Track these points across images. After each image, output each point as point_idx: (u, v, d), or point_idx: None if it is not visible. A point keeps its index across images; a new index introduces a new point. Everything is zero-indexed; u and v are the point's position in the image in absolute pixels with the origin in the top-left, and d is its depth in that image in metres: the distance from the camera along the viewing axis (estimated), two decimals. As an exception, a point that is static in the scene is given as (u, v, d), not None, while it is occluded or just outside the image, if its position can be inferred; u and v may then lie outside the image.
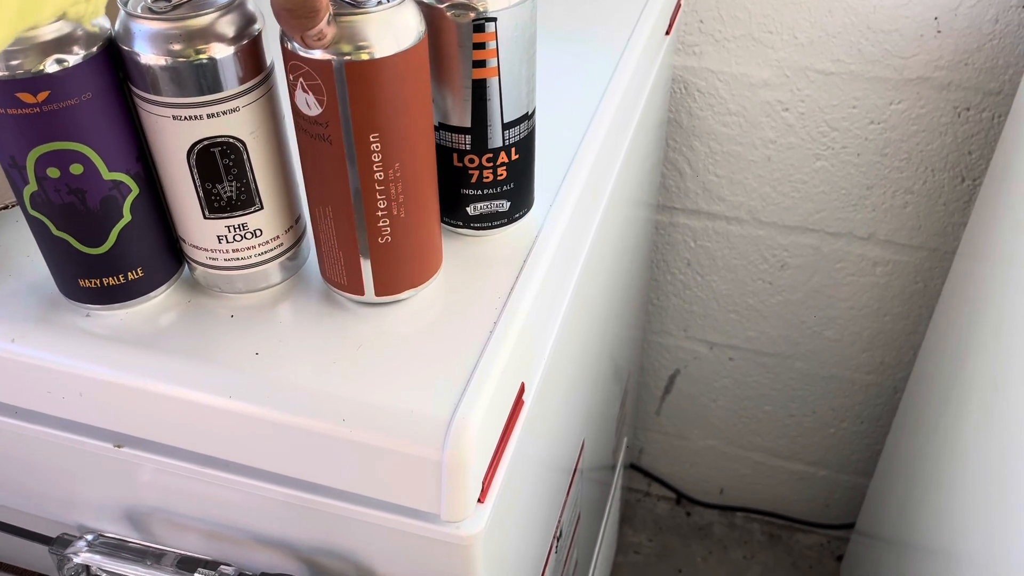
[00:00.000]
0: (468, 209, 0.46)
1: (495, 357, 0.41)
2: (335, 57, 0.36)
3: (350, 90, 0.37)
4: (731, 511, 1.33)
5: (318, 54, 0.36)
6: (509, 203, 0.47)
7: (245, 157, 0.40)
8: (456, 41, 0.40)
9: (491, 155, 0.44)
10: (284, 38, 0.37)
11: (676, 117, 0.94)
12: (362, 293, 0.43)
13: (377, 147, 0.39)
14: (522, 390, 0.45)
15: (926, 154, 0.90)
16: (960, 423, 0.77)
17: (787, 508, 1.30)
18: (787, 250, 1.02)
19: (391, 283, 0.43)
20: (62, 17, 0.35)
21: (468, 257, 0.47)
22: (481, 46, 0.40)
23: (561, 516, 0.65)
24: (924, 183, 0.92)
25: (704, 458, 1.29)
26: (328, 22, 0.35)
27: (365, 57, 0.36)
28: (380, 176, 0.39)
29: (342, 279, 0.43)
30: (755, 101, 0.90)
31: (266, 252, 0.44)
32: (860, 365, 1.10)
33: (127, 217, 0.41)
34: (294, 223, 0.45)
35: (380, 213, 0.41)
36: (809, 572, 1.27)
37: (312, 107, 0.38)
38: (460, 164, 0.44)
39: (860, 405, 1.14)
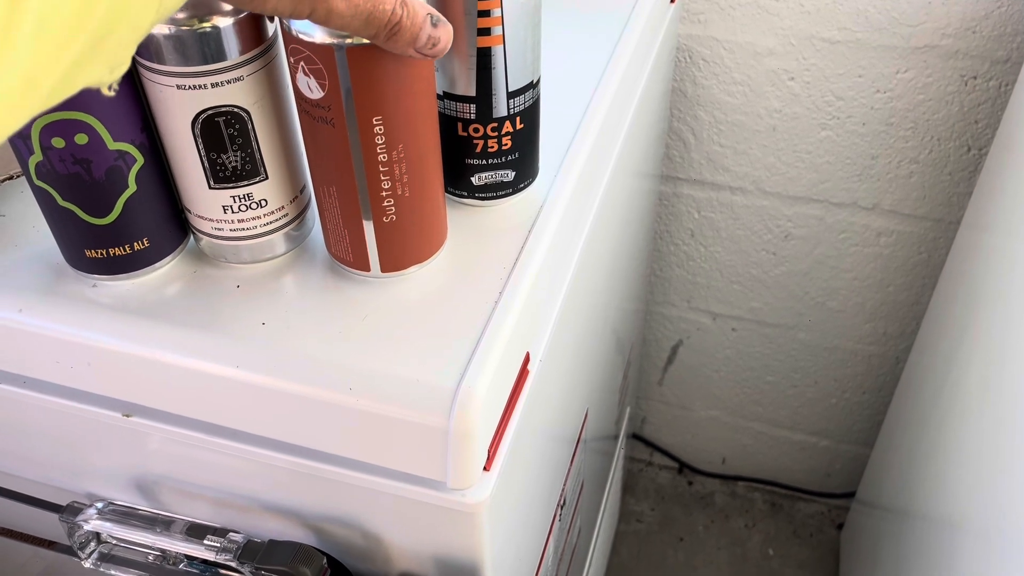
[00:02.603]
0: (472, 179, 0.46)
1: (500, 327, 0.42)
2: (336, 41, 0.35)
3: (352, 74, 0.36)
4: (733, 480, 1.34)
5: (319, 38, 0.35)
6: (514, 173, 0.46)
7: (250, 127, 0.40)
8: (461, 9, 0.40)
9: (496, 124, 0.44)
10: (282, 19, 0.36)
11: (680, 86, 0.94)
12: (368, 270, 0.43)
13: (380, 129, 0.38)
14: (527, 360, 0.45)
15: (932, 123, 0.89)
16: (961, 393, 0.77)
17: (788, 477, 1.31)
18: (791, 220, 1.01)
19: (397, 260, 0.43)
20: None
21: (473, 227, 0.47)
22: (486, 14, 0.40)
23: (565, 485, 0.66)
24: (930, 153, 0.91)
25: (706, 428, 1.30)
26: (435, 24, 0.34)
27: (367, 41, 0.36)
28: (384, 157, 0.39)
29: (348, 256, 0.43)
30: (760, 70, 0.90)
31: (271, 222, 0.44)
32: (863, 336, 1.10)
33: (132, 187, 0.41)
34: (299, 193, 0.45)
35: (384, 193, 0.40)
36: (810, 540, 1.28)
37: (314, 90, 0.37)
38: (465, 133, 0.44)
39: (862, 376, 1.15)
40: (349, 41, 0.35)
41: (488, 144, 0.45)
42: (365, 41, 0.35)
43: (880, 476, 1.07)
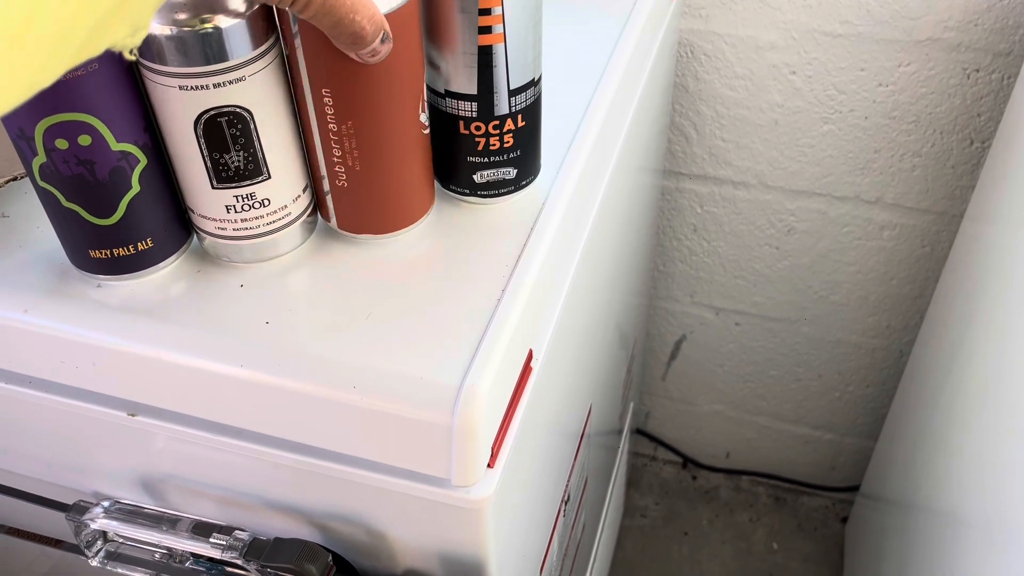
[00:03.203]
0: (474, 177, 0.46)
1: (504, 324, 0.42)
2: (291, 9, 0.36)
3: (304, 43, 0.38)
4: (737, 474, 1.34)
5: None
6: (516, 170, 0.47)
7: (252, 127, 0.40)
8: (461, 6, 0.40)
9: (497, 122, 0.44)
10: None
11: (682, 81, 0.94)
12: (329, 220, 0.46)
13: (329, 101, 0.40)
14: (530, 357, 0.45)
15: (935, 116, 0.89)
16: (965, 386, 0.77)
17: (793, 471, 1.31)
18: (794, 215, 1.01)
19: (351, 223, 0.45)
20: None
21: (475, 225, 0.47)
22: (487, 12, 0.40)
23: (569, 480, 0.66)
24: (932, 146, 0.91)
25: (710, 422, 1.30)
26: (383, 40, 0.37)
27: None
28: (334, 128, 0.41)
29: (316, 201, 0.46)
30: (762, 64, 0.90)
31: (274, 221, 0.44)
32: (866, 329, 1.10)
33: (136, 188, 0.41)
34: (301, 192, 0.45)
35: (335, 159, 0.42)
36: (814, 534, 1.29)
37: (287, 46, 0.39)
38: (466, 131, 0.44)
39: (866, 369, 1.15)
40: None
41: (490, 142, 0.45)
42: None
43: (884, 469, 1.07)
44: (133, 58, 0.29)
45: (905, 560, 0.88)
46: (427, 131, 0.44)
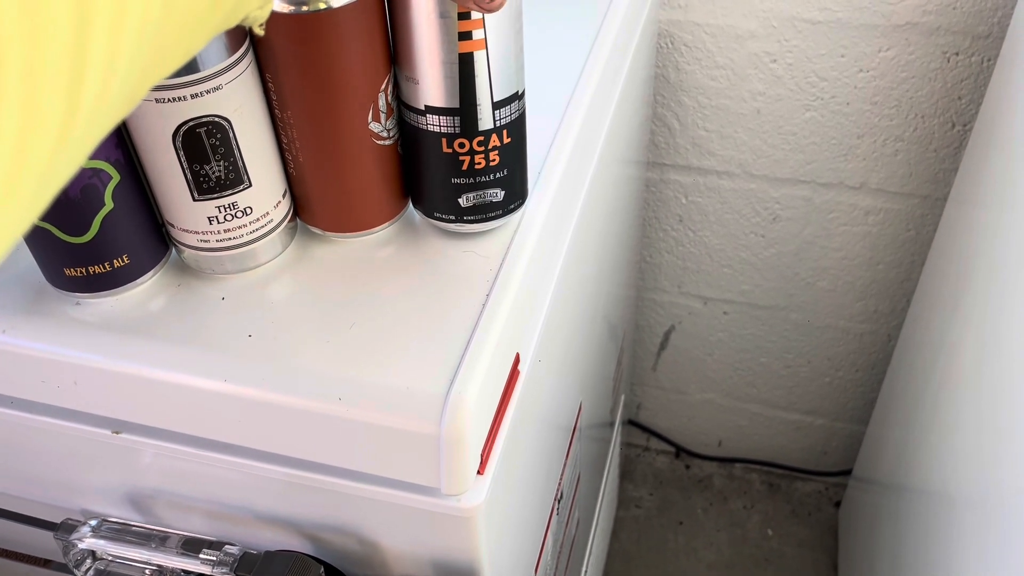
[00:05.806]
0: (460, 200, 0.44)
1: (489, 330, 0.41)
2: None
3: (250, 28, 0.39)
4: (730, 462, 1.35)
5: None
6: (503, 192, 0.44)
7: (231, 135, 0.40)
8: (438, 11, 0.39)
9: (482, 138, 0.42)
10: None
11: (663, 72, 0.93)
12: (288, 206, 0.46)
13: (272, 87, 0.41)
14: (517, 360, 0.45)
15: (916, 101, 0.89)
16: (954, 368, 0.77)
17: (785, 457, 1.32)
18: (779, 202, 1.01)
19: (305, 214, 0.46)
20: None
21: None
22: (466, 16, 0.39)
23: (561, 478, 0.66)
24: (914, 130, 0.91)
25: (702, 411, 1.30)
26: None
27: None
28: (279, 114, 0.42)
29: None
30: (742, 53, 0.89)
31: (257, 229, 0.43)
32: (854, 314, 1.10)
33: (109, 205, 0.40)
34: (281, 198, 0.44)
35: (285, 145, 0.43)
36: (808, 519, 1.29)
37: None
38: (450, 150, 0.42)
39: (855, 354, 1.15)
40: None
41: (475, 160, 0.43)
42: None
43: (876, 453, 1.08)
44: (262, 32, 0.31)
45: (899, 541, 0.89)
46: (388, 141, 0.43)
